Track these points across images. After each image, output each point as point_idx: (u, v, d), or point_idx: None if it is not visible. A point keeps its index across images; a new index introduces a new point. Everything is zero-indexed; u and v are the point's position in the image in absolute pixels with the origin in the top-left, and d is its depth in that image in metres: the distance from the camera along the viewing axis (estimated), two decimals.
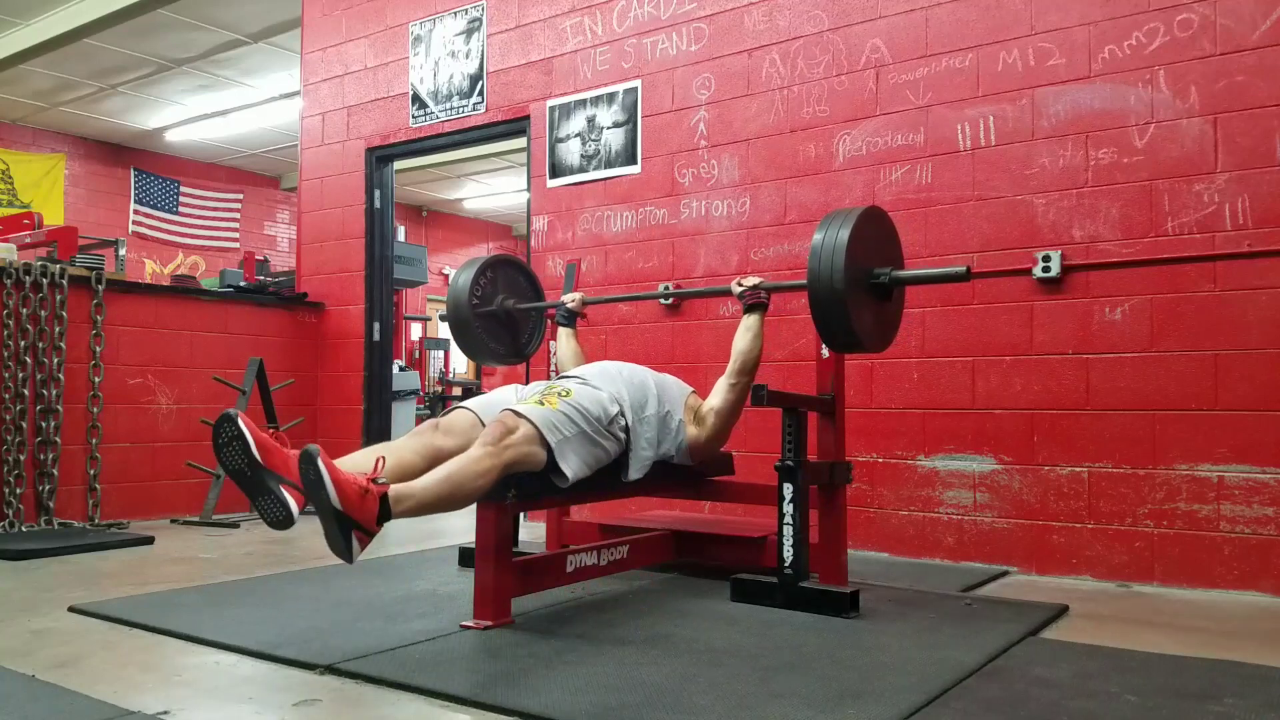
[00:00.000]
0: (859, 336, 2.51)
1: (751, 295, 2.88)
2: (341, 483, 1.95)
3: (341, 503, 1.94)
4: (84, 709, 1.80)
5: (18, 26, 6.96)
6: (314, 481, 1.94)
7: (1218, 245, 3.11)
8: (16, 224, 5.60)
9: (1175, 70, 3.19)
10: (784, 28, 4.01)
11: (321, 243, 5.70)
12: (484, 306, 3.40)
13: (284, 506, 2.02)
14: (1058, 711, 1.81)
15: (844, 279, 2.42)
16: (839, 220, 2.52)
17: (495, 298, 3.45)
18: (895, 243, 2.75)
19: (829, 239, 2.47)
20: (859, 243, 2.49)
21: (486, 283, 3.43)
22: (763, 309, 2.88)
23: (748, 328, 2.85)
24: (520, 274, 3.58)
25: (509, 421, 2.36)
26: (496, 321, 3.46)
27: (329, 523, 1.96)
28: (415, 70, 5.27)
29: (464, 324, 3.33)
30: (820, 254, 2.46)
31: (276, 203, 11.72)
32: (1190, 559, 3.11)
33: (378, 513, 2.01)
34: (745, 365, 2.82)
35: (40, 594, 2.88)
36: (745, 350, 2.83)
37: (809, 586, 2.64)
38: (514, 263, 3.61)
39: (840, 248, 2.44)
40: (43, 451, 4.26)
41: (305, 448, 1.97)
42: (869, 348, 2.64)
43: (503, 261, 3.55)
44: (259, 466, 2.02)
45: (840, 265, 2.43)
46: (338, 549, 1.99)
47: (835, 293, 2.43)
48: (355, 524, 1.97)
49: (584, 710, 1.77)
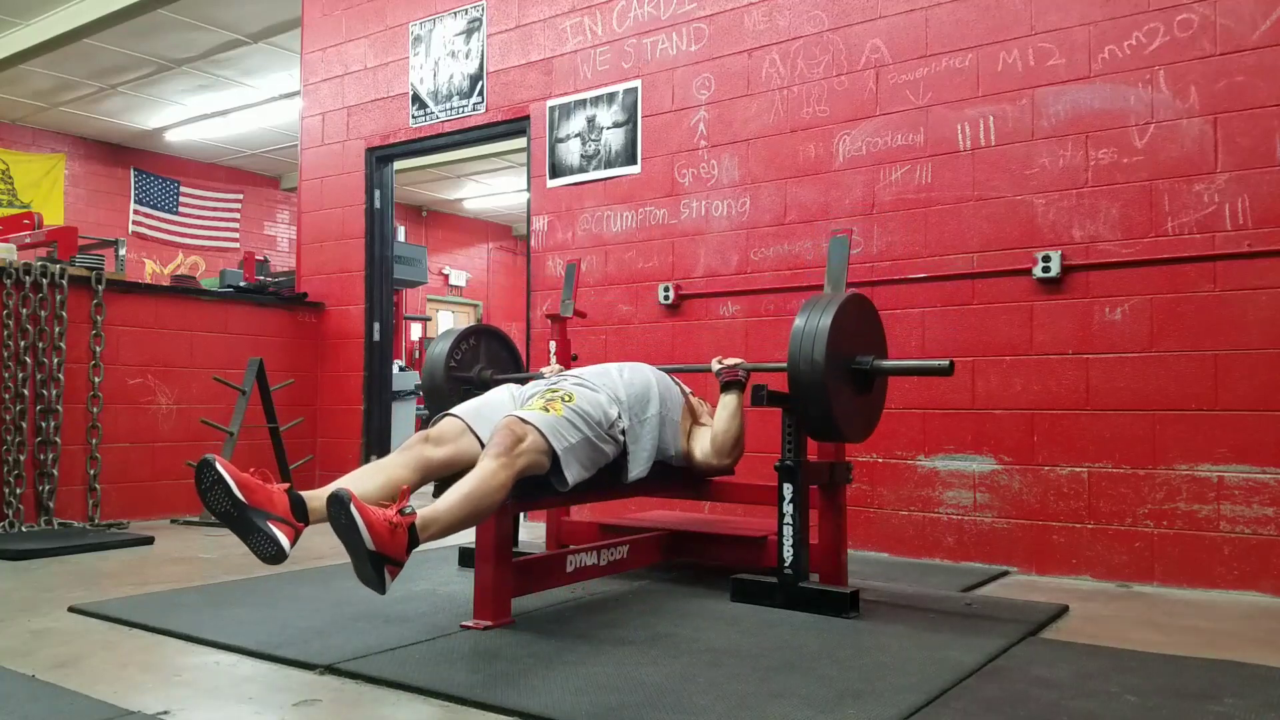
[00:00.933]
0: (838, 424, 2.49)
1: (729, 373, 2.86)
2: (374, 524, 1.96)
3: (376, 544, 1.96)
4: (84, 709, 1.80)
5: (18, 26, 6.96)
6: (347, 526, 1.96)
7: (1218, 245, 3.11)
8: (16, 224, 5.60)
9: (1175, 70, 3.19)
10: (784, 28, 4.01)
11: (321, 243, 5.70)
12: (460, 372, 3.36)
13: (274, 543, 2.04)
14: (1058, 711, 1.81)
15: (824, 366, 2.39)
16: (820, 306, 2.49)
17: (474, 366, 3.41)
18: (879, 330, 2.73)
19: (810, 325, 2.45)
20: (840, 331, 2.46)
21: (467, 350, 3.39)
22: (740, 388, 2.86)
23: (725, 406, 2.85)
24: (502, 346, 3.53)
25: (517, 430, 2.34)
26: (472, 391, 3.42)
27: (362, 563, 1.98)
28: (415, 70, 5.27)
29: (438, 387, 3.26)
30: (800, 341, 2.44)
31: (276, 203, 11.72)
32: (1190, 559, 3.11)
33: (407, 543, 2.03)
34: (724, 447, 2.83)
35: (40, 594, 2.88)
36: (724, 430, 2.83)
37: (809, 587, 2.64)
38: (496, 334, 3.55)
39: (821, 334, 2.42)
40: (43, 451, 4.26)
41: (335, 492, 1.98)
42: (849, 437, 2.62)
43: (484, 332, 3.51)
44: (244, 507, 2.03)
45: (821, 353, 2.40)
46: (370, 582, 2.01)
47: (815, 378, 2.41)
48: (388, 559, 1.99)
49: (584, 710, 1.77)
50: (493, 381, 3.42)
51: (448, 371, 3.30)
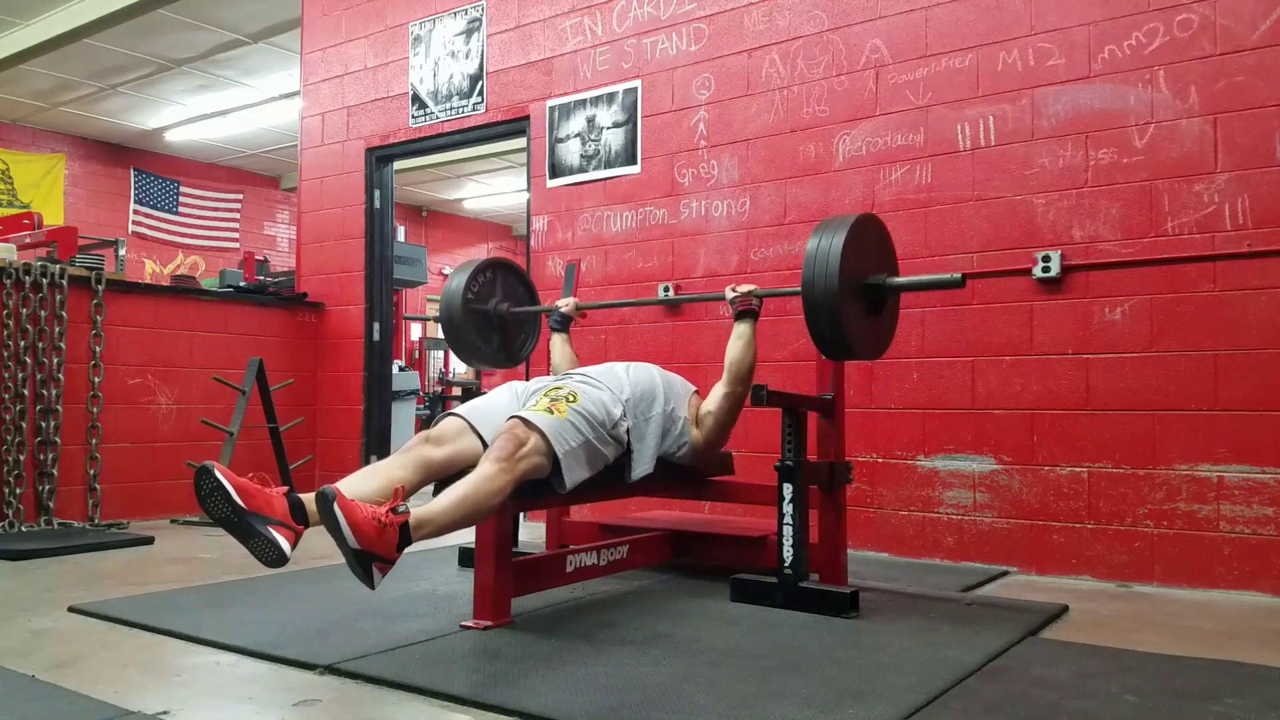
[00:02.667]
0: (852, 344, 2.50)
1: (743, 302, 2.86)
2: (358, 523, 1.97)
3: (360, 541, 1.97)
4: (84, 709, 1.80)
5: (18, 26, 6.96)
6: (332, 524, 1.97)
7: (1218, 245, 3.11)
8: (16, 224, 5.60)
9: (1175, 70, 3.19)
10: (784, 28, 4.01)
11: (321, 243, 5.70)
12: (477, 304, 3.37)
13: (275, 547, 2.05)
14: (1058, 711, 1.81)
15: (838, 285, 2.41)
16: (833, 227, 2.51)
17: (490, 299, 3.43)
18: (890, 250, 2.74)
19: (823, 246, 2.46)
20: (853, 250, 2.48)
21: (484, 282, 3.40)
22: (754, 316, 2.86)
23: (739, 335, 2.84)
24: (518, 280, 3.55)
25: (520, 433, 2.33)
26: (488, 322, 3.43)
27: (350, 559, 1.99)
28: (415, 70, 5.27)
29: (455, 319, 3.29)
30: (814, 261, 2.45)
31: (276, 203, 11.72)
32: (1190, 559, 3.11)
33: (397, 542, 2.03)
34: (739, 374, 2.82)
35: (40, 594, 2.89)
36: (738, 359, 2.82)
37: (809, 586, 2.64)
38: (512, 268, 3.57)
39: (834, 254, 2.43)
40: (43, 451, 4.26)
41: (321, 490, 1.99)
42: (863, 355, 2.63)
43: (501, 265, 3.52)
44: (243, 512, 2.05)
45: (834, 272, 2.41)
46: (359, 577, 2.02)
47: (829, 299, 2.42)
48: (375, 557, 2.00)
49: (584, 710, 1.77)
50: (509, 315, 3.44)
51: (465, 304, 3.30)
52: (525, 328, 3.60)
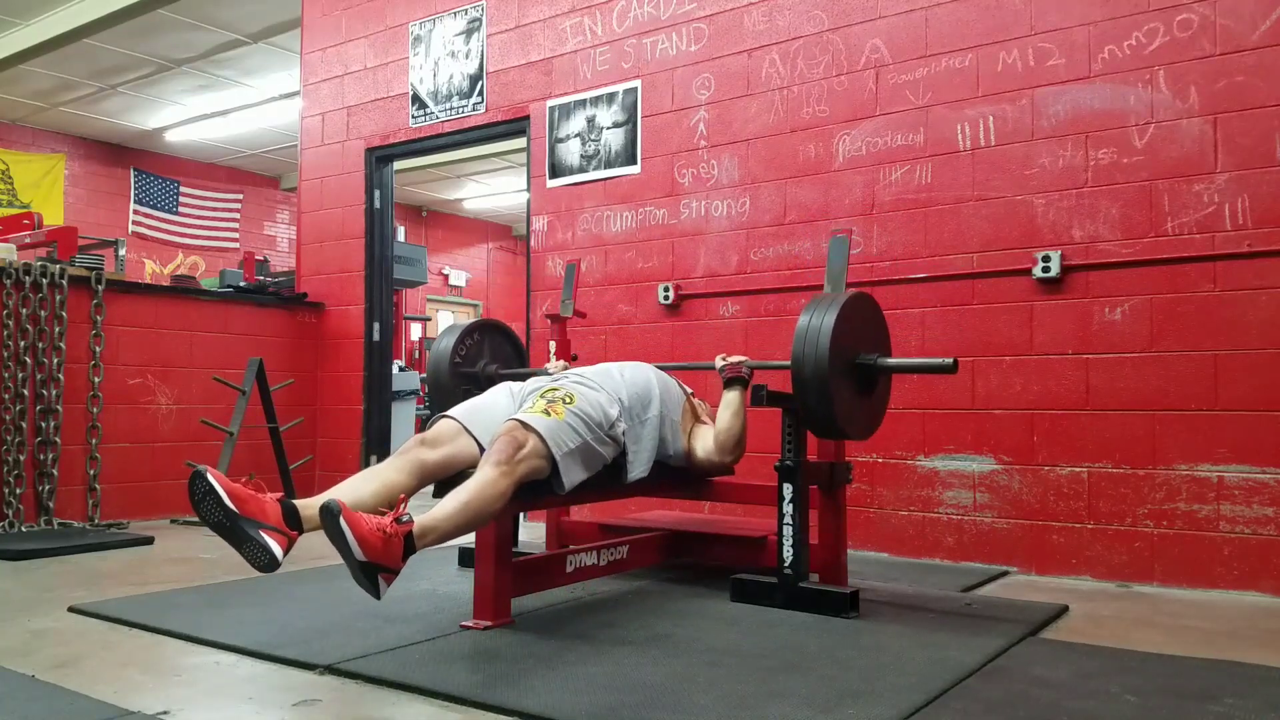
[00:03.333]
0: (842, 424, 2.48)
1: (732, 370, 2.86)
2: (364, 536, 1.97)
3: (366, 553, 1.97)
4: (84, 709, 1.80)
5: (18, 26, 6.96)
6: (337, 538, 1.97)
7: (1218, 245, 3.11)
8: (16, 224, 5.60)
9: (1175, 70, 3.19)
10: (784, 28, 4.01)
11: (321, 243, 5.70)
12: (465, 368, 3.34)
13: (267, 552, 2.05)
14: (1058, 711, 1.81)
15: (827, 364, 2.39)
16: (824, 305, 2.49)
17: (479, 361, 3.40)
18: (883, 328, 2.72)
19: (814, 323, 2.44)
20: (844, 328, 2.46)
21: (472, 345, 3.38)
22: (744, 384, 2.85)
23: (727, 404, 2.84)
24: (506, 341, 3.52)
25: (518, 436, 2.33)
26: (477, 385, 3.36)
27: (355, 572, 1.99)
28: (415, 70, 5.27)
29: (443, 384, 3.26)
30: (805, 338, 2.43)
31: (276, 203, 11.71)
32: (1190, 559, 3.11)
33: (402, 551, 2.03)
34: (727, 445, 2.82)
35: (40, 594, 2.89)
36: (726, 428, 2.82)
37: (809, 587, 2.64)
38: (500, 328, 3.54)
39: (825, 332, 2.41)
40: (43, 451, 4.26)
41: (325, 504, 1.98)
42: (853, 436, 2.62)
43: (488, 327, 3.49)
44: (236, 517, 2.05)
45: (824, 350, 2.39)
46: (365, 588, 2.02)
47: (819, 377, 2.40)
48: (381, 568, 2.01)
49: (584, 710, 1.77)
50: (498, 377, 3.41)
51: (453, 368, 3.29)
52: None
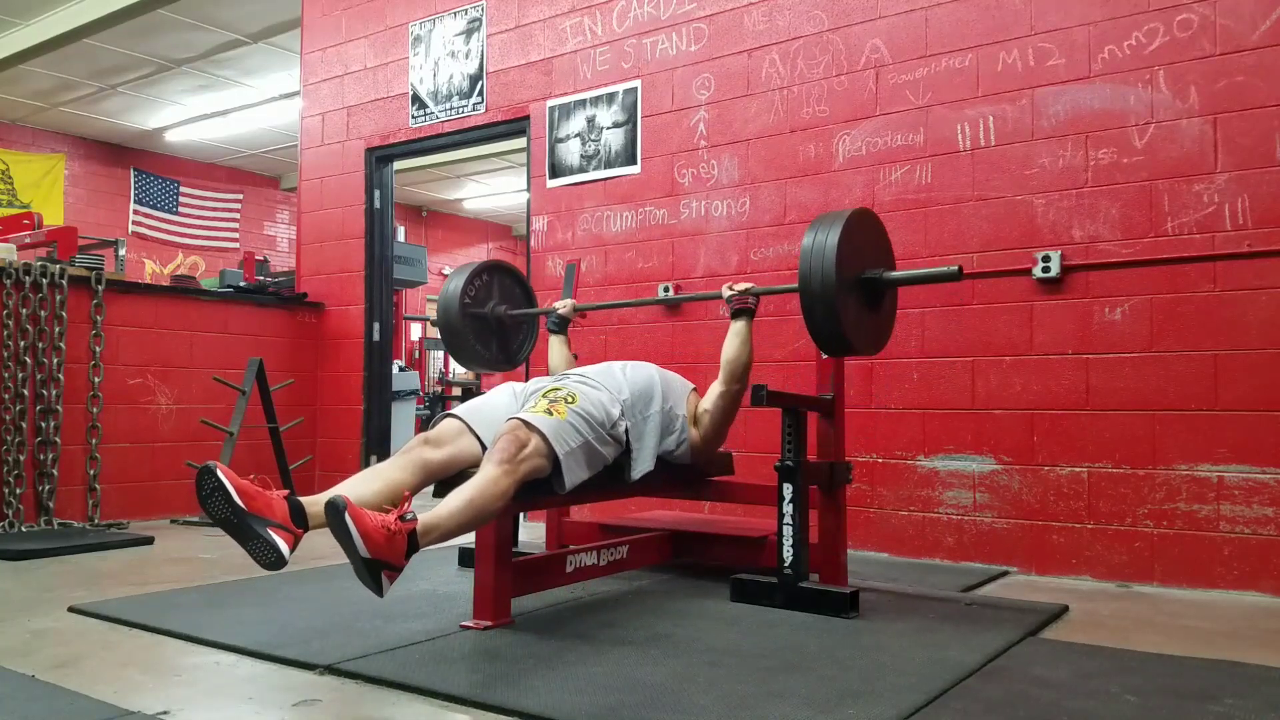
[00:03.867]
0: (850, 338, 2.50)
1: (739, 300, 2.86)
2: (368, 532, 1.97)
3: (370, 550, 1.97)
4: (84, 709, 1.80)
5: (18, 26, 6.96)
6: (342, 534, 1.97)
7: (1218, 245, 3.11)
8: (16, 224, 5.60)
9: (1175, 70, 3.19)
10: (784, 28, 4.01)
11: (321, 243, 5.70)
12: (475, 309, 3.35)
13: (274, 549, 2.05)
14: (1058, 711, 1.81)
15: (834, 280, 2.41)
16: (828, 222, 2.50)
17: (488, 302, 3.41)
18: (886, 245, 2.73)
19: (819, 241, 2.46)
20: (849, 245, 2.47)
21: (481, 286, 3.38)
22: (750, 314, 2.86)
23: (735, 333, 2.84)
24: (515, 282, 3.53)
25: (521, 435, 2.33)
26: (486, 326, 3.41)
27: (359, 568, 1.99)
28: (415, 70, 5.27)
29: (453, 324, 3.28)
30: (810, 256, 2.44)
31: (276, 203, 11.71)
32: (1190, 559, 3.11)
33: (406, 549, 2.03)
34: (735, 372, 2.82)
35: (40, 594, 2.89)
36: (734, 357, 2.82)
37: (809, 586, 2.64)
38: (509, 270, 3.55)
39: (830, 249, 2.43)
40: (43, 451, 4.26)
41: (331, 499, 1.99)
42: (860, 350, 2.63)
43: (498, 268, 3.50)
44: (244, 514, 2.05)
45: (830, 267, 2.41)
46: (368, 585, 2.02)
47: (826, 294, 2.41)
48: (385, 565, 2.00)
49: (584, 710, 1.77)
50: (507, 317, 3.43)
51: (462, 308, 3.29)
52: (523, 330, 3.59)
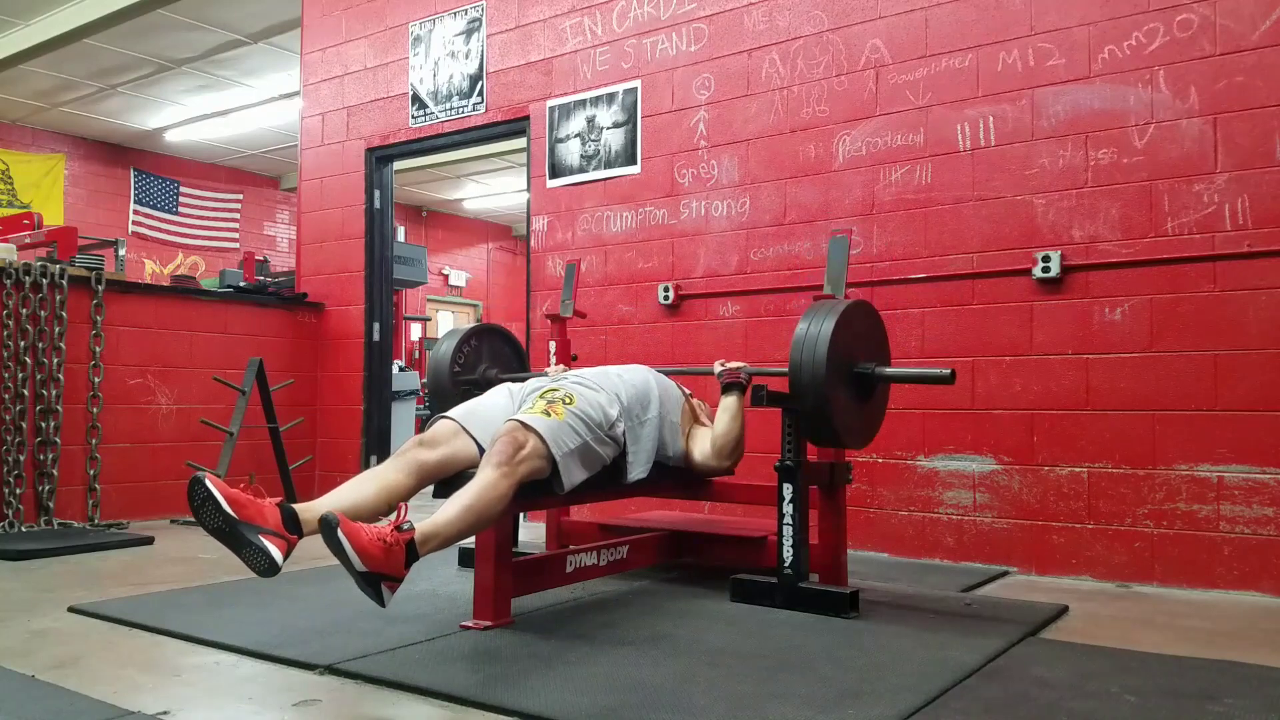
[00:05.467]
0: (840, 433, 2.48)
1: (730, 375, 2.86)
2: (364, 547, 1.97)
3: (367, 564, 1.96)
4: (84, 709, 1.80)
5: (18, 26, 6.96)
6: (338, 550, 1.97)
7: (1218, 245, 3.11)
8: (16, 224, 5.60)
9: (1175, 70, 3.19)
10: (784, 28, 4.01)
11: (321, 243, 5.70)
12: (465, 375, 3.34)
13: (267, 556, 2.05)
14: (1058, 711, 1.81)
15: (824, 373, 2.38)
16: (823, 313, 2.48)
17: (478, 367, 3.39)
18: (882, 336, 2.72)
19: (811, 331, 2.44)
20: (842, 336, 2.45)
21: (470, 351, 3.37)
22: (741, 390, 2.85)
23: (725, 408, 2.84)
24: (504, 343, 3.52)
25: (519, 436, 2.33)
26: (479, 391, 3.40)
27: (359, 582, 1.99)
28: (415, 70, 5.27)
29: (444, 392, 3.25)
30: (803, 346, 2.43)
31: (276, 203, 11.71)
32: (1190, 559, 3.11)
33: (404, 559, 2.02)
34: (724, 449, 2.83)
35: (40, 594, 2.88)
36: (724, 433, 2.83)
37: (809, 587, 2.64)
38: (499, 332, 3.54)
39: (823, 340, 2.41)
40: (43, 451, 4.26)
41: (324, 516, 1.98)
42: (850, 444, 2.62)
43: (487, 331, 3.50)
44: (235, 522, 2.04)
45: (822, 358, 2.39)
46: (370, 597, 2.02)
47: (816, 385, 2.40)
48: (384, 577, 2.00)
49: (584, 710, 1.77)
50: (497, 380, 3.41)
51: (452, 375, 3.29)
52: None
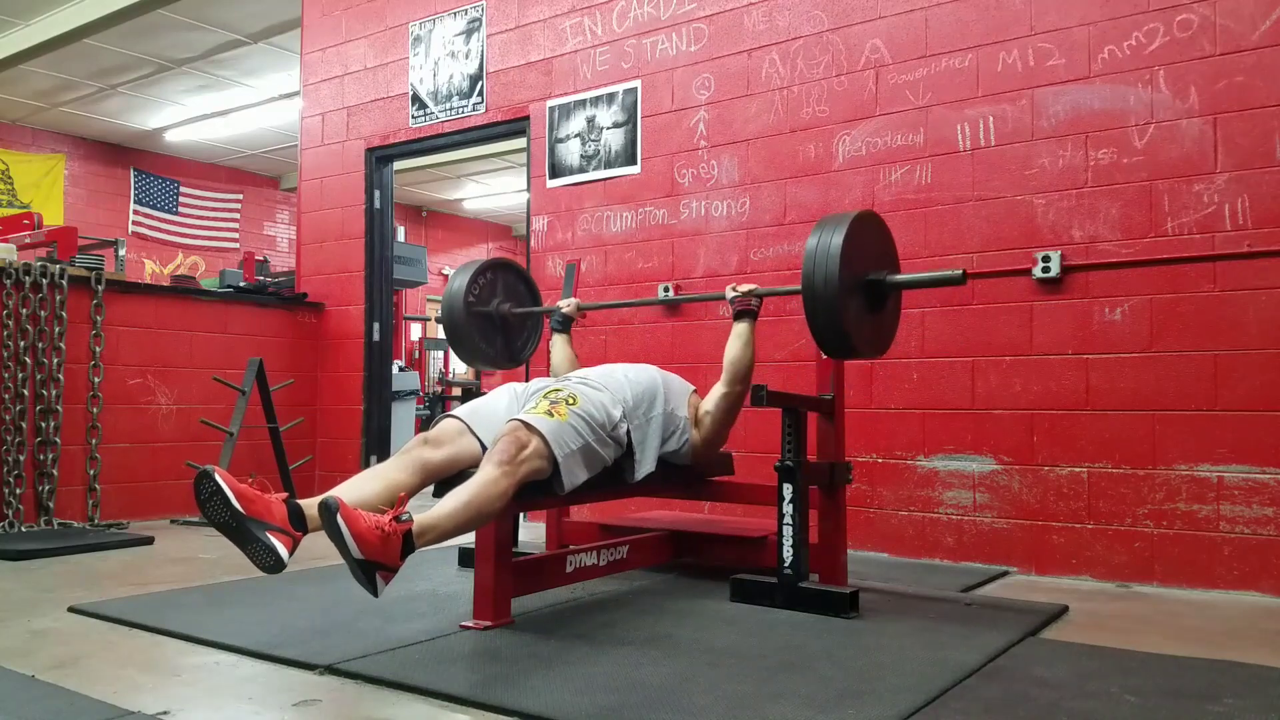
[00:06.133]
0: (853, 340, 2.49)
1: (742, 301, 2.86)
2: (362, 534, 1.97)
3: (364, 551, 1.97)
4: (84, 709, 1.80)
5: (18, 26, 6.96)
6: (335, 534, 1.97)
7: (1218, 245, 3.11)
8: (16, 224, 5.60)
9: (1175, 70, 3.19)
10: (784, 28, 4.01)
11: (321, 243, 5.70)
12: (479, 306, 3.36)
13: (273, 553, 2.05)
14: (1058, 712, 1.81)
15: (838, 283, 2.40)
16: (832, 224, 2.49)
17: (492, 300, 3.40)
18: (891, 247, 2.73)
19: (822, 243, 2.45)
20: (853, 247, 2.46)
21: (485, 284, 3.38)
22: (753, 316, 2.85)
23: (738, 334, 2.84)
24: (519, 280, 3.53)
25: (521, 436, 2.33)
26: (490, 324, 3.41)
27: (353, 569, 1.99)
28: (415, 70, 5.27)
29: (457, 322, 3.27)
30: (814, 258, 2.44)
31: (276, 203, 11.71)
32: (1190, 559, 3.11)
33: (401, 550, 2.03)
34: (737, 374, 2.82)
35: (40, 594, 2.88)
36: (736, 359, 2.82)
37: (809, 587, 2.64)
38: (513, 268, 3.55)
39: (834, 251, 2.42)
40: (43, 451, 4.26)
41: (324, 500, 1.98)
42: (864, 353, 2.62)
43: (502, 265, 3.50)
44: (242, 517, 2.04)
45: (834, 269, 2.40)
46: (363, 585, 2.02)
47: (829, 296, 2.41)
48: (379, 566, 2.00)
49: (584, 710, 1.77)
50: (511, 315, 3.43)
51: (466, 306, 3.28)
52: (527, 328, 3.59)
